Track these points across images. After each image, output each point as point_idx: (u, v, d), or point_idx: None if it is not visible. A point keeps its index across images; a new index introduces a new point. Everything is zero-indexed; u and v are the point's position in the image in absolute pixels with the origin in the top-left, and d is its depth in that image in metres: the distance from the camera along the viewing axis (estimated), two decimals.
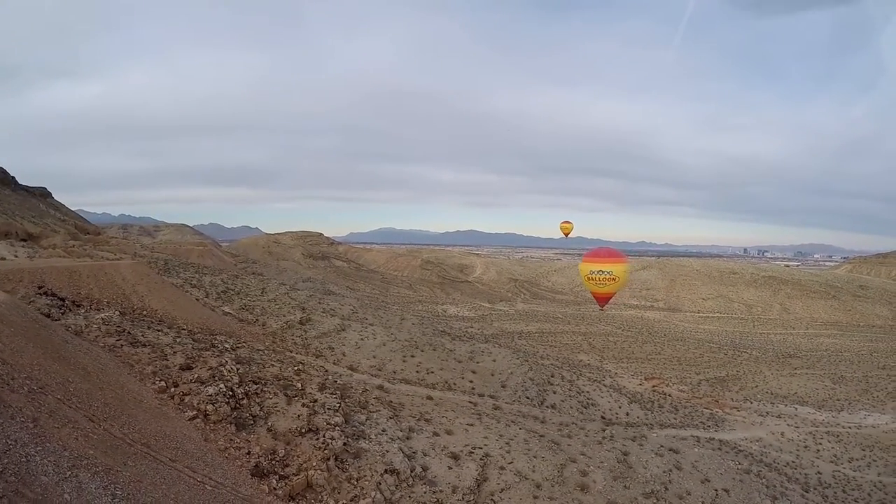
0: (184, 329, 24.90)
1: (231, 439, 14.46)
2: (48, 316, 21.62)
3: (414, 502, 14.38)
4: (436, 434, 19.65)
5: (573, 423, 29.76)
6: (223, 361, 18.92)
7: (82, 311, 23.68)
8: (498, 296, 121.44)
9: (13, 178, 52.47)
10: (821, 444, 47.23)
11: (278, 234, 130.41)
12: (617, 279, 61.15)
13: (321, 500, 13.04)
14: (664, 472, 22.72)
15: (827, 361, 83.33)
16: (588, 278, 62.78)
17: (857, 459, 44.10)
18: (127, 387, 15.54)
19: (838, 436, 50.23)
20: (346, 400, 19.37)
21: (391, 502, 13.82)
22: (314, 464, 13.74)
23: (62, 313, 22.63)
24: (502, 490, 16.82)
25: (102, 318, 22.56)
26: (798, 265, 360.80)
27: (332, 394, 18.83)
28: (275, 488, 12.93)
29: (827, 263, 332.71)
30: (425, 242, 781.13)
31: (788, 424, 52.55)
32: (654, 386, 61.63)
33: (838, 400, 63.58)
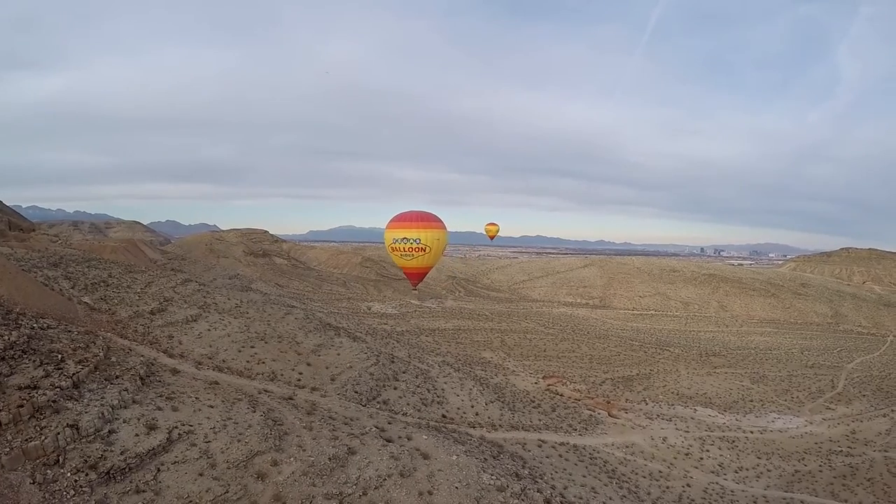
0: (8, 311, 30.39)
1: None
2: None
3: (80, 454, 18.88)
4: (158, 409, 23.17)
5: (343, 418, 29.18)
6: (3, 333, 24.59)
7: None
8: (431, 293, 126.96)
9: None
10: (707, 451, 44.68)
11: (224, 231, 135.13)
12: (427, 249, 48.88)
13: (3, 436, 18.78)
14: (379, 476, 21.78)
15: (752, 360, 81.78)
16: (392, 249, 50.19)
17: (746, 469, 41.90)
18: None
19: (733, 441, 47.65)
20: (97, 372, 25.01)
21: (61, 450, 18.77)
22: (9, 409, 19.50)
23: None
24: (175, 463, 19.82)
25: None
26: (752, 264, 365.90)
27: (84, 366, 24.54)
28: None
29: (780, 262, 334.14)
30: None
31: (677, 428, 49.91)
32: (549, 385, 62.28)
33: (751, 401, 60.96)
